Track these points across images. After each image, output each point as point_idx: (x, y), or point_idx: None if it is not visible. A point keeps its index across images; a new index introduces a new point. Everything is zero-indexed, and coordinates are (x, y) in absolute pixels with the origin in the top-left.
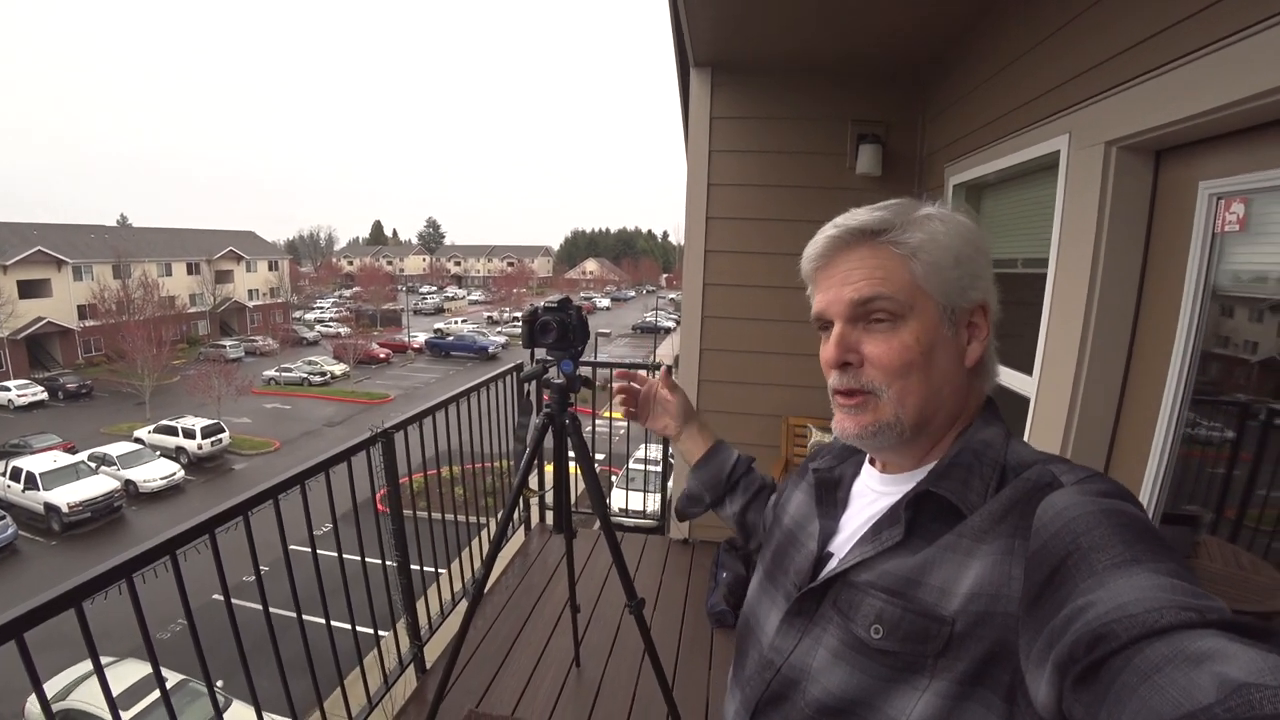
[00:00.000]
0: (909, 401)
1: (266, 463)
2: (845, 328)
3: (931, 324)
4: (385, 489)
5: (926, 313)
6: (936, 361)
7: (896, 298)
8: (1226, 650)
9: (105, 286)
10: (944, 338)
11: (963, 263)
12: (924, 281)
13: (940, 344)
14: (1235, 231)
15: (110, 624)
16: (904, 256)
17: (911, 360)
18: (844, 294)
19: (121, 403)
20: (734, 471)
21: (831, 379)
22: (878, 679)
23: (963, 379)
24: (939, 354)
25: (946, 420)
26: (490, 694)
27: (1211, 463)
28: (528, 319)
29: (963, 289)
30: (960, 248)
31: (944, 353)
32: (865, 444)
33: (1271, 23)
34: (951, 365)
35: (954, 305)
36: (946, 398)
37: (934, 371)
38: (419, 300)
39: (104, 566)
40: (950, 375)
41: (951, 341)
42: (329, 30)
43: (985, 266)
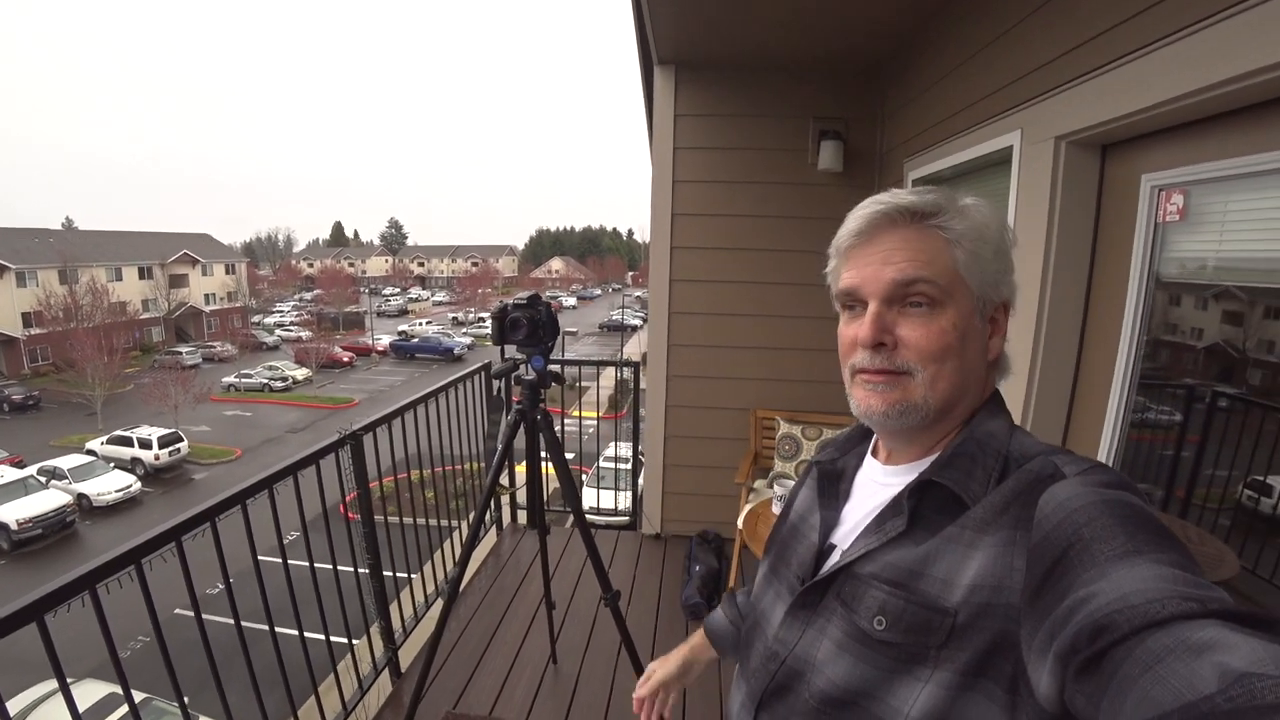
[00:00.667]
0: (940, 386)
1: (228, 471)
2: (881, 307)
3: (967, 313)
4: (355, 493)
5: (963, 301)
6: (969, 350)
7: (938, 282)
8: (1228, 640)
9: (51, 293)
10: (975, 328)
11: (1001, 256)
12: (964, 270)
13: (972, 334)
14: (1176, 221)
15: (66, 643)
16: (949, 242)
17: (949, 345)
18: (885, 273)
19: (72, 414)
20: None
21: (858, 357)
22: (881, 670)
23: (985, 372)
24: (970, 344)
25: (965, 410)
26: (467, 694)
27: (1160, 444)
28: (497, 316)
29: (996, 282)
30: (1000, 242)
31: (974, 343)
32: (890, 423)
33: (1206, 24)
34: (979, 357)
35: (986, 297)
36: (970, 387)
37: (966, 360)
38: (382, 302)
39: (67, 578)
40: (976, 366)
41: (980, 333)
42: (284, 28)
43: (1012, 264)
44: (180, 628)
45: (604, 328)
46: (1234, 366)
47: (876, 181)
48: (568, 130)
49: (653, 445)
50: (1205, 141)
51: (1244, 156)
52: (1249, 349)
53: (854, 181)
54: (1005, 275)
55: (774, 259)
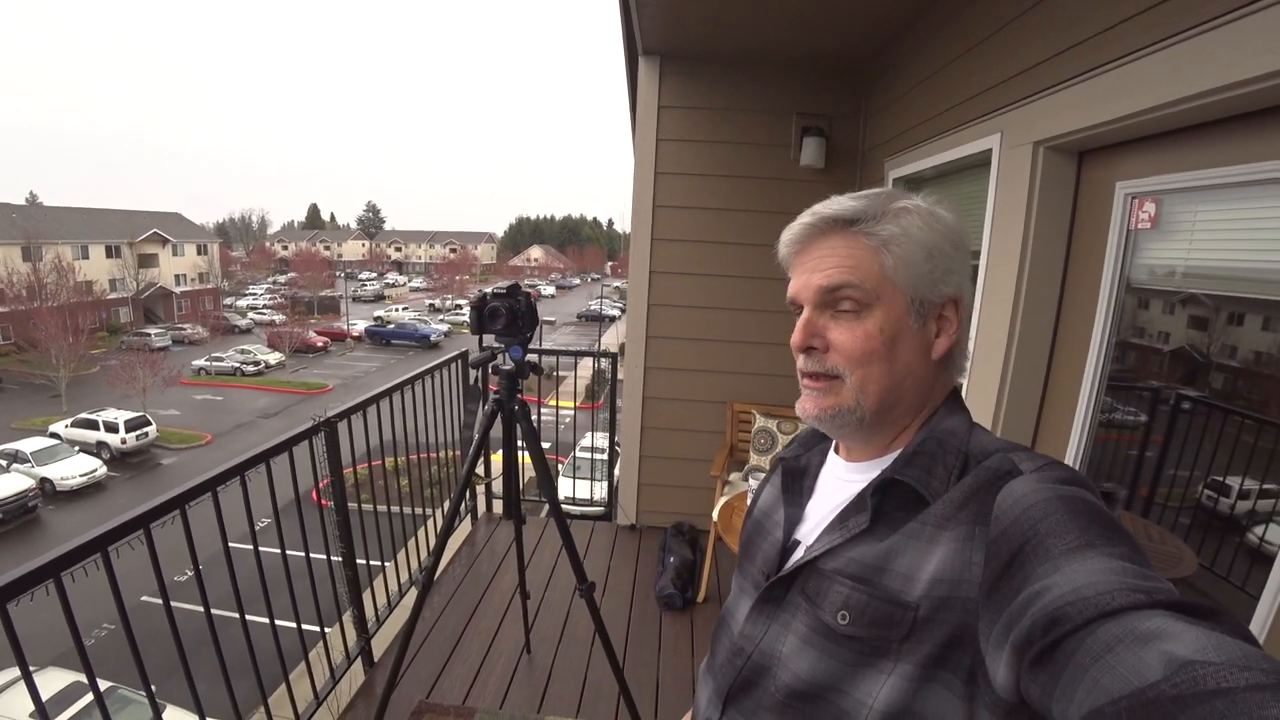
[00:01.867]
0: (870, 389)
1: (197, 457)
2: (812, 313)
3: (896, 315)
4: (327, 479)
5: (893, 304)
6: (899, 352)
7: (863, 287)
8: (1173, 629)
9: (14, 270)
10: (908, 329)
11: (935, 257)
12: (892, 273)
13: (904, 335)
14: (1147, 229)
15: (28, 631)
16: (875, 247)
17: (873, 349)
18: (813, 280)
19: (34, 395)
20: None
21: (799, 361)
22: (845, 664)
23: (927, 371)
24: (902, 345)
25: (908, 410)
26: (440, 684)
27: (1126, 445)
28: (476, 305)
29: (933, 283)
30: (934, 242)
31: (907, 344)
32: (824, 426)
33: (1183, 37)
34: (915, 357)
35: (923, 298)
36: (908, 388)
37: (896, 362)
38: (358, 287)
39: (31, 565)
40: (913, 366)
41: (917, 333)
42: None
43: (961, 261)
44: (147, 615)
45: (582, 317)
46: (1197, 370)
47: (858, 179)
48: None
49: (629, 436)
50: (1178, 152)
51: (1215, 168)
52: (1212, 354)
53: (835, 178)
54: (946, 274)
55: (754, 253)
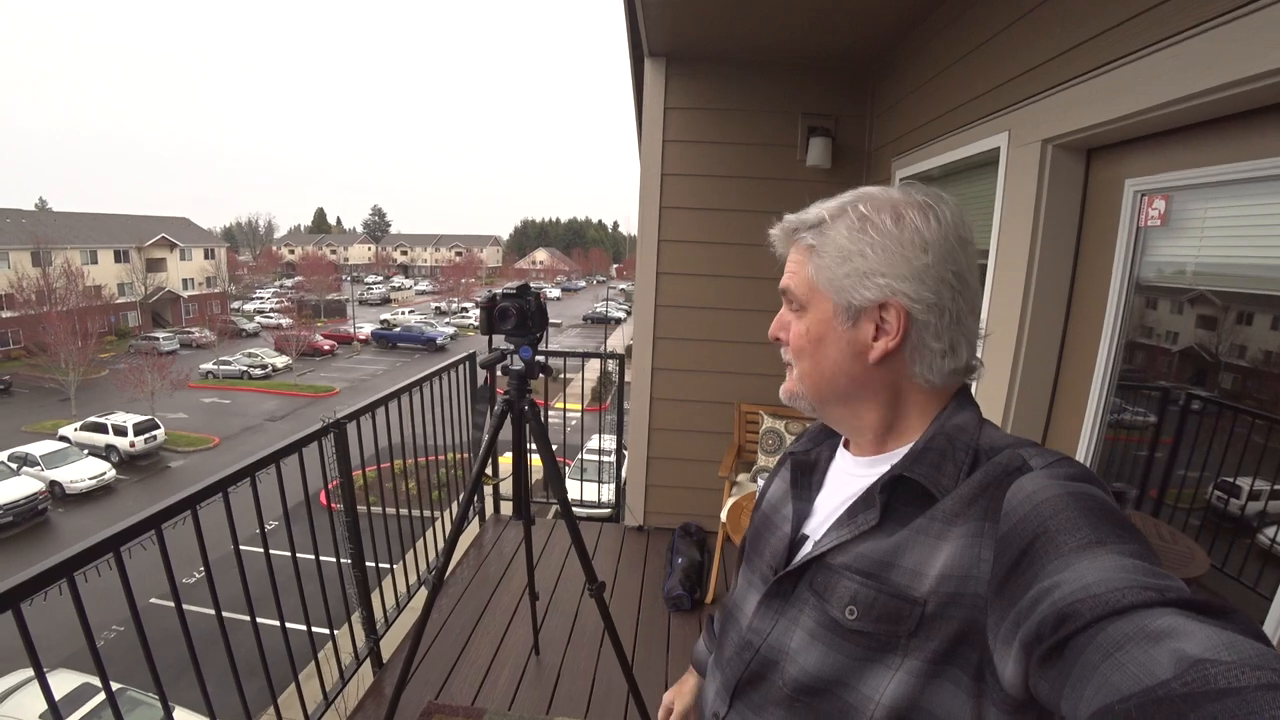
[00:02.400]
0: (806, 381)
1: (205, 460)
2: (784, 309)
3: (823, 318)
4: (336, 481)
5: (820, 307)
6: (826, 352)
7: (797, 291)
8: (1184, 628)
9: (24, 275)
10: (836, 331)
11: (850, 261)
12: (816, 278)
13: (831, 337)
14: (1157, 226)
15: (40, 632)
16: (809, 253)
17: (801, 346)
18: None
19: (44, 399)
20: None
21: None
22: (853, 659)
23: (864, 370)
24: (829, 346)
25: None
26: (449, 685)
27: (1136, 445)
28: (486, 305)
29: (851, 287)
30: (855, 247)
31: (835, 345)
32: (790, 404)
33: (1193, 33)
34: (844, 358)
35: (848, 302)
36: (842, 385)
37: (823, 361)
38: (364, 290)
39: (44, 565)
40: (844, 367)
41: (846, 335)
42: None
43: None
44: (158, 616)
45: (588, 320)
46: (1207, 370)
47: (864, 179)
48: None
49: (636, 438)
50: (1189, 148)
51: (1225, 164)
52: (1222, 353)
53: (842, 178)
54: (866, 279)
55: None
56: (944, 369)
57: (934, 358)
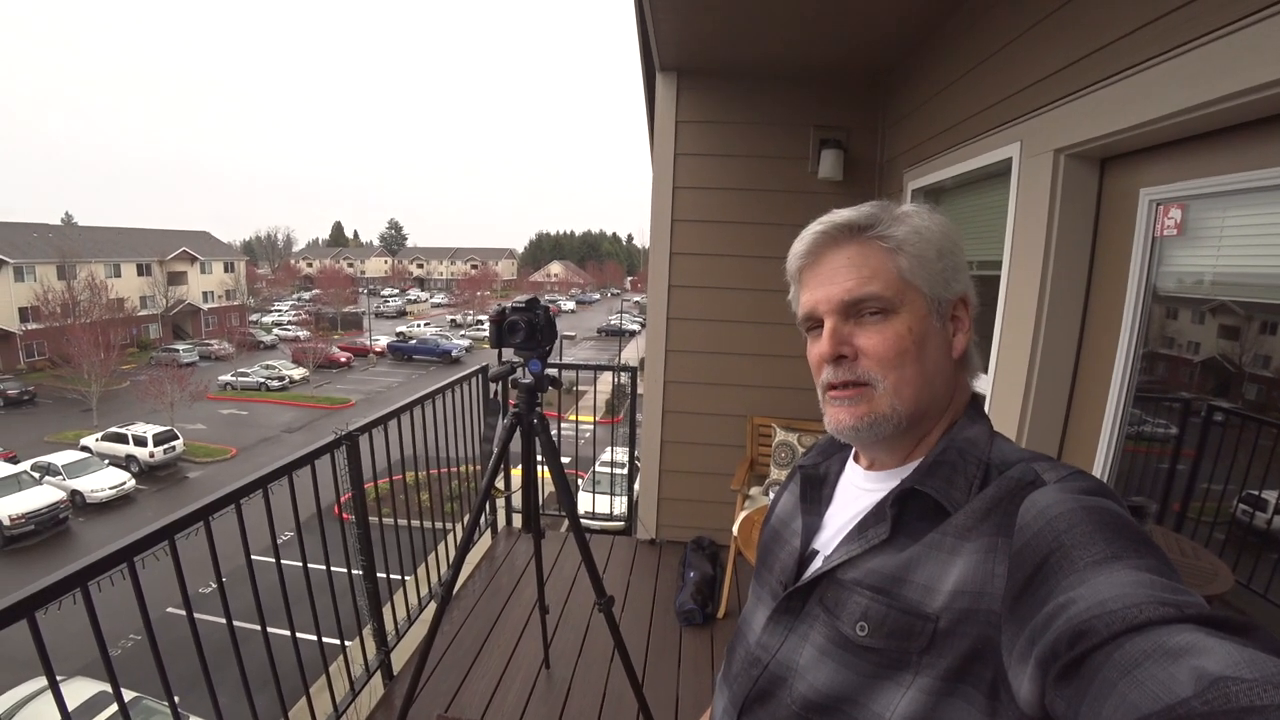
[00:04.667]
0: (905, 392)
1: (222, 470)
2: (837, 322)
3: (921, 315)
4: (350, 494)
5: (916, 305)
6: (929, 352)
7: (885, 293)
8: (1204, 645)
9: (49, 288)
10: (934, 329)
11: (945, 255)
12: (910, 274)
13: (931, 335)
14: (1173, 236)
15: (55, 642)
16: (890, 250)
17: (906, 350)
18: (833, 292)
19: (67, 409)
20: None
21: (825, 374)
22: (863, 675)
23: (951, 371)
24: (930, 344)
25: (937, 413)
26: (459, 698)
27: (1156, 458)
28: (495, 319)
29: (946, 280)
30: (942, 241)
31: (934, 343)
32: (861, 436)
33: (1206, 40)
34: (942, 356)
35: (940, 297)
36: (939, 389)
37: (927, 362)
38: (380, 303)
39: (59, 575)
40: (942, 366)
41: (940, 332)
42: (288, 26)
43: (963, 260)
44: (171, 626)
45: (602, 332)
46: (1230, 381)
47: (876, 191)
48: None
49: (649, 450)
50: (1204, 157)
51: (1242, 172)
52: (1245, 363)
53: (854, 190)
54: (955, 272)
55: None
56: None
57: (975, 353)
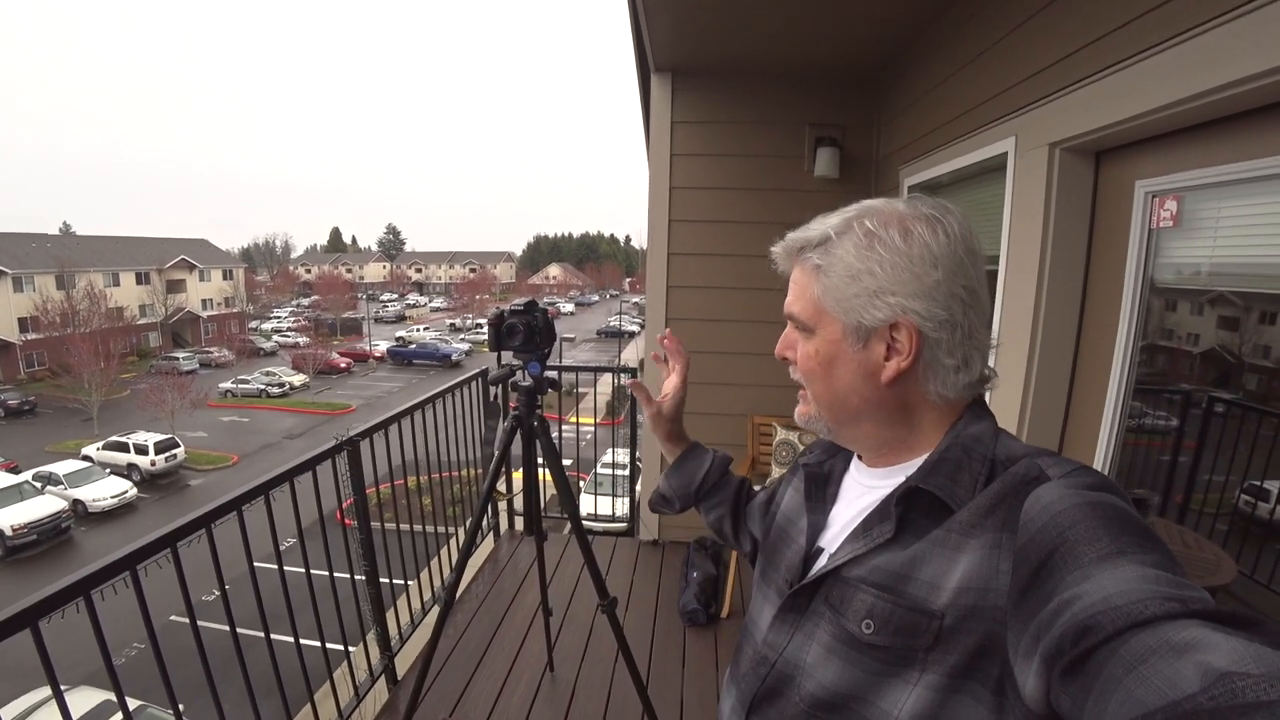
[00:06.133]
0: (820, 402)
1: (225, 477)
2: (789, 329)
3: (832, 340)
4: (351, 499)
5: (828, 328)
6: (838, 374)
7: (803, 315)
8: (1210, 640)
9: (48, 298)
10: (846, 353)
11: (860, 280)
12: (823, 299)
13: (842, 359)
14: (1169, 227)
15: (59, 651)
16: (815, 273)
17: (811, 369)
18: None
19: (68, 419)
20: (704, 483)
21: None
22: (870, 673)
23: (876, 391)
24: (840, 368)
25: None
26: (464, 702)
27: (1157, 450)
28: (493, 322)
29: (860, 308)
30: (864, 266)
31: (846, 367)
32: (811, 428)
33: (1198, 31)
34: (857, 379)
35: (858, 323)
36: (857, 406)
37: (835, 382)
38: (380, 308)
39: (62, 584)
40: (857, 388)
41: (857, 356)
42: (284, 32)
43: (906, 283)
44: (175, 634)
45: (601, 334)
46: (1230, 371)
47: (873, 188)
48: (566, 137)
49: (650, 451)
50: (1198, 148)
51: (1237, 163)
52: (1245, 354)
53: (850, 188)
54: (876, 298)
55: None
56: (958, 384)
57: (947, 374)
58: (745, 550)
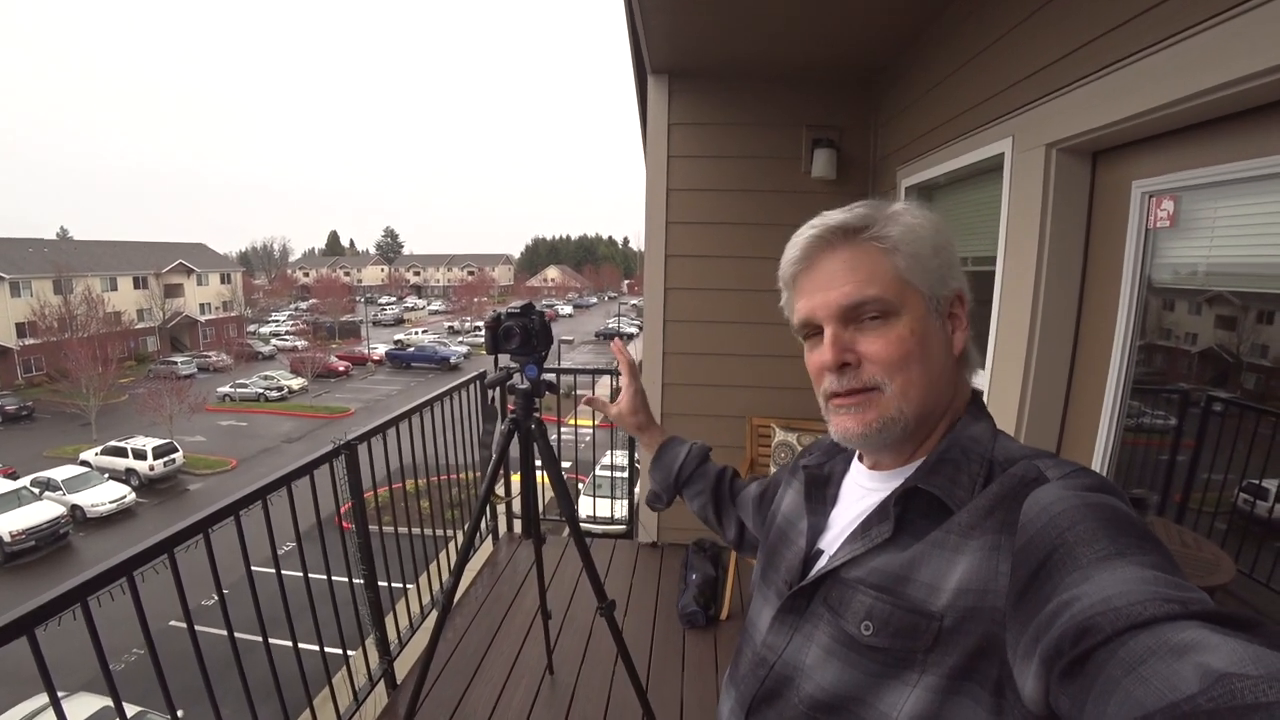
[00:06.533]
0: (912, 394)
1: (223, 482)
2: (838, 328)
3: (921, 315)
4: (350, 503)
5: (915, 305)
6: (932, 351)
7: (885, 295)
8: (1209, 641)
9: (46, 303)
10: (934, 327)
11: (940, 252)
12: (908, 274)
13: (932, 334)
14: (1166, 227)
15: (58, 657)
16: (886, 251)
17: (910, 351)
18: (831, 298)
19: (66, 424)
20: (681, 472)
21: (827, 383)
22: (869, 675)
23: (954, 368)
24: (933, 344)
25: (940, 412)
26: (463, 706)
27: (1156, 449)
28: (490, 325)
29: (943, 278)
30: (935, 238)
31: (936, 342)
32: (870, 442)
33: (1193, 31)
34: (944, 355)
35: (937, 295)
36: (943, 388)
37: (931, 362)
38: (378, 311)
39: (59, 590)
40: (945, 365)
41: (940, 331)
42: (281, 36)
43: (956, 256)
44: (173, 640)
45: (600, 336)
46: (1228, 371)
47: (870, 189)
48: (563, 139)
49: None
50: (1194, 148)
51: (1232, 163)
52: (1243, 353)
53: (848, 189)
54: (950, 269)
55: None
56: (979, 360)
57: (974, 349)
58: (730, 538)
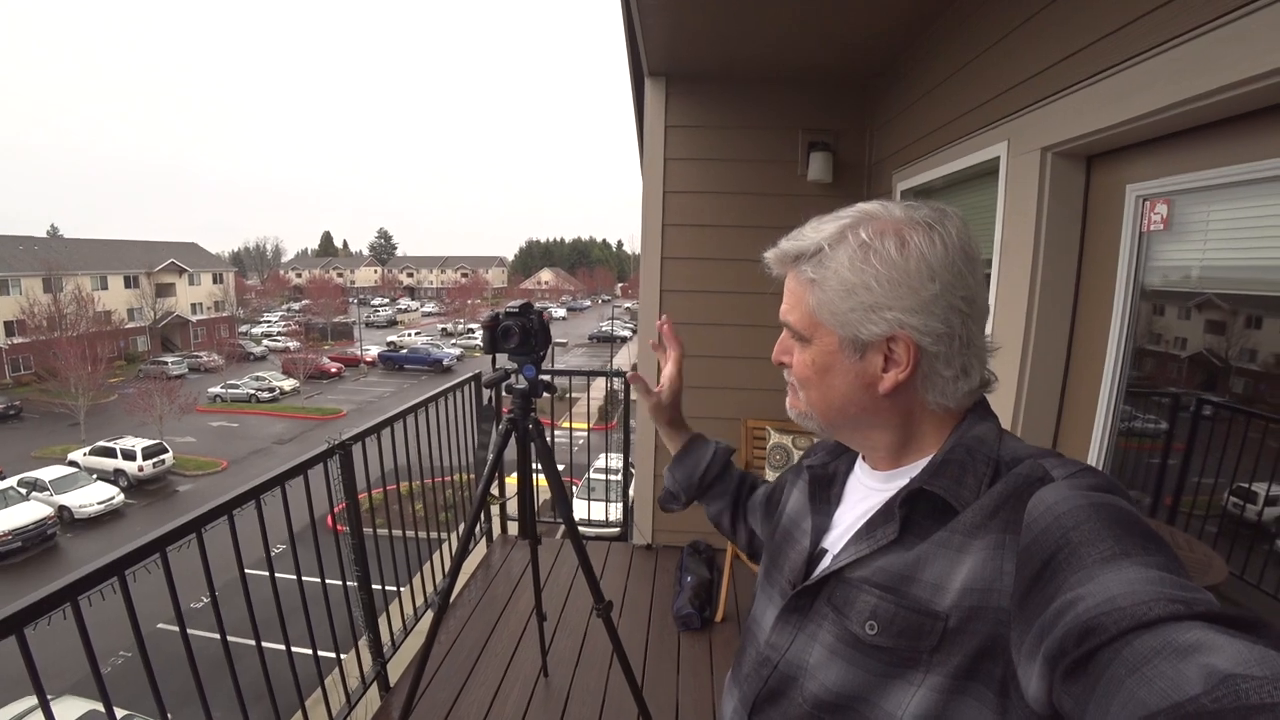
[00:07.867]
0: (815, 408)
1: (214, 483)
2: (785, 335)
3: (828, 350)
4: (343, 504)
5: (825, 339)
6: (833, 383)
7: (798, 325)
8: (1213, 642)
9: (35, 301)
10: (843, 364)
11: (855, 295)
12: (818, 311)
13: (838, 369)
14: (1160, 231)
15: (45, 660)
16: (810, 284)
17: (807, 376)
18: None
19: (54, 424)
20: (706, 475)
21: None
22: (873, 675)
23: (874, 401)
24: (835, 377)
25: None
26: (457, 708)
27: (1148, 453)
28: (489, 324)
29: (857, 322)
30: (859, 280)
31: (843, 377)
32: (801, 423)
33: (1188, 37)
34: (853, 389)
35: (853, 336)
36: (854, 414)
37: (831, 391)
38: (371, 313)
39: (48, 589)
40: (854, 398)
41: (854, 367)
42: (275, 34)
43: (903, 297)
44: (163, 642)
45: (594, 338)
46: (1217, 375)
47: (866, 192)
48: (558, 142)
49: (643, 455)
50: (1188, 152)
51: (1226, 167)
52: (1231, 357)
53: (843, 192)
54: (872, 313)
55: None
56: (957, 392)
57: (946, 384)
58: (741, 544)
